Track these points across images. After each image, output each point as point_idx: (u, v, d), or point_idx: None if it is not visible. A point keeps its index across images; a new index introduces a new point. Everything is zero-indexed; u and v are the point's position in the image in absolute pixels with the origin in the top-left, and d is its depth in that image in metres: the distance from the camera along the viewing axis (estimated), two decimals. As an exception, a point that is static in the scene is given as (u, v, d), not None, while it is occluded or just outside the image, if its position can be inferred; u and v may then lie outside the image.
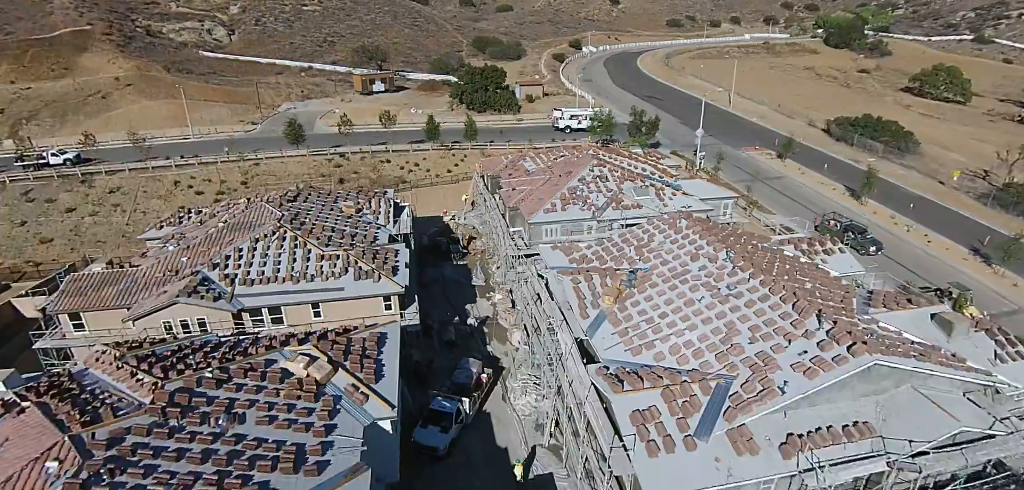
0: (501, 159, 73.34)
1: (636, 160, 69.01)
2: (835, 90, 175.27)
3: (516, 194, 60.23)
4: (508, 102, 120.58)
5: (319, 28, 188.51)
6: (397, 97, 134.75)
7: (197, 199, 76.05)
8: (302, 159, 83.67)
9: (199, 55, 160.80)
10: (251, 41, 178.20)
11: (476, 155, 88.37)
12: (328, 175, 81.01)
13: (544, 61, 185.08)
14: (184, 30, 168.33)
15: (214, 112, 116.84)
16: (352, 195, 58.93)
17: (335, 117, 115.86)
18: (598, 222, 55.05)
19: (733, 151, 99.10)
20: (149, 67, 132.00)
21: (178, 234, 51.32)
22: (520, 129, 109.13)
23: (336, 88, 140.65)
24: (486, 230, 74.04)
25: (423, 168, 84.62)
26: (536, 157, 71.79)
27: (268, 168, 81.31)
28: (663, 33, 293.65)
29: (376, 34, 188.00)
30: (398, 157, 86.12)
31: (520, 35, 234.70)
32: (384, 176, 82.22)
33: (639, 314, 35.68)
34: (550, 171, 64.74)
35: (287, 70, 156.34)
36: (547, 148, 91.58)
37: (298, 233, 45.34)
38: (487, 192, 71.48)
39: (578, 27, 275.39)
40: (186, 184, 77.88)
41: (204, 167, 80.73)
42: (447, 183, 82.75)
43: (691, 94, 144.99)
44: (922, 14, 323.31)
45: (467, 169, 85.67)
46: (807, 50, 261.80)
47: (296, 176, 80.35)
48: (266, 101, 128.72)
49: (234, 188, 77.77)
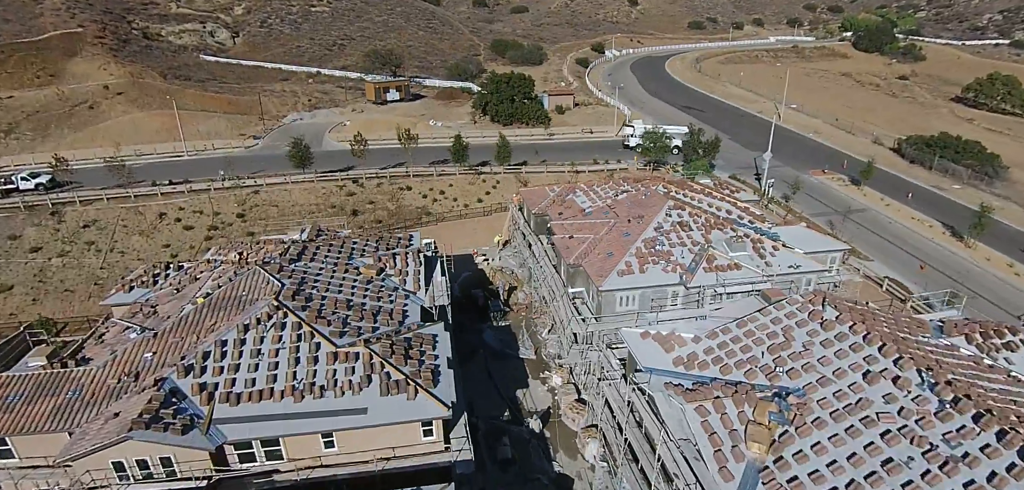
0: (546, 193, 61.37)
1: (710, 195, 56.93)
2: (882, 100, 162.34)
3: (576, 245, 48.24)
4: (537, 114, 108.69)
5: (328, 30, 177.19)
6: (413, 107, 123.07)
7: (185, 236, 64.54)
8: (309, 185, 72.03)
9: (199, 59, 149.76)
10: (256, 44, 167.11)
11: (509, 180, 76.53)
12: (339, 206, 69.32)
13: (567, 66, 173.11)
14: (184, 32, 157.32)
15: (212, 124, 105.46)
16: (370, 246, 47.03)
17: (346, 131, 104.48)
18: (687, 288, 43.00)
19: (797, 174, 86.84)
20: (143, 73, 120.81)
21: (148, 305, 39.66)
22: (553, 145, 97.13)
23: (346, 96, 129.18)
24: (525, 272, 62.14)
25: (449, 196, 72.78)
26: (590, 190, 59.81)
27: (269, 196, 69.69)
28: (685, 35, 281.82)
29: (389, 37, 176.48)
30: (420, 182, 74.30)
31: (538, 38, 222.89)
32: (405, 207, 70.46)
33: (812, 478, 23.70)
34: (613, 212, 52.72)
35: (293, 76, 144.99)
36: (590, 170, 79.59)
37: (303, 316, 33.50)
38: (530, 232, 59.51)
39: (597, 29, 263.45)
40: (173, 217, 66.38)
41: (195, 196, 69.18)
42: (477, 215, 70.96)
43: (733, 104, 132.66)
44: (945, 16, 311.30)
45: (500, 197, 73.85)
46: (837, 54, 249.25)
47: (301, 208, 68.71)
48: (270, 111, 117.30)
49: (229, 222, 66.21)
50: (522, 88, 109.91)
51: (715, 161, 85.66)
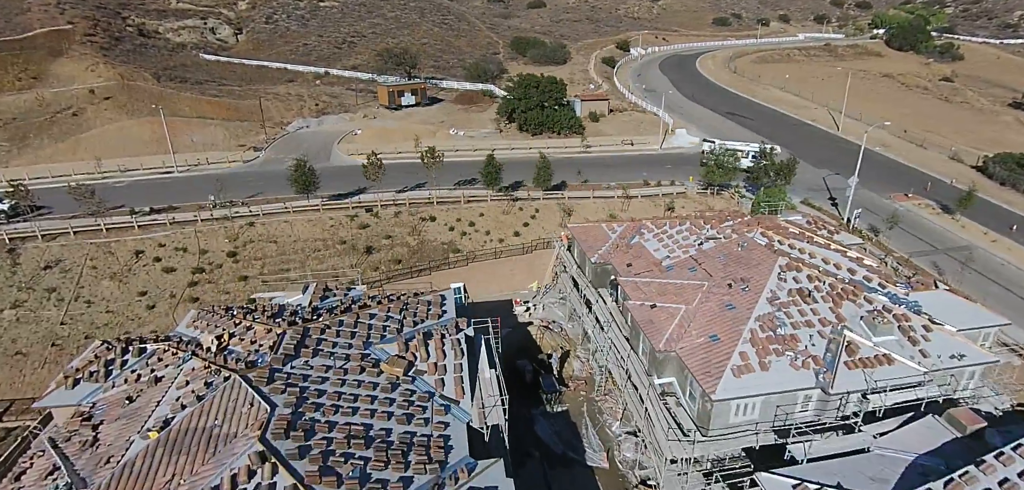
0: (603, 231, 49.78)
1: (810, 240, 45.19)
2: (936, 106, 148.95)
3: (662, 320, 36.67)
4: (570, 122, 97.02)
5: (338, 27, 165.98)
6: (431, 113, 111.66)
7: (164, 281, 53.47)
8: (314, 215, 60.76)
9: (199, 58, 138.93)
10: (260, 42, 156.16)
11: (550, 209, 64.97)
12: (350, 242, 58.03)
13: (594, 65, 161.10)
14: (183, 29, 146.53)
15: (207, 133, 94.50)
16: (392, 320, 35.64)
17: (357, 142, 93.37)
18: (828, 394, 31.38)
19: (876, 198, 74.99)
20: (135, 75, 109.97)
21: (88, 422, 28.51)
22: (591, 160, 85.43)
23: (357, 100, 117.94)
24: (576, 328, 50.70)
25: (480, 228, 61.32)
26: (661, 232, 48.22)
27: (267, 229, 58.48)
28: (710, 32, 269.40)
29: (402, 34, 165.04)
30: (445, 211, 62.80)
31: (559, 35, 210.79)
32: (428, 242, 59.08)
33: None
34: (702, 268, 41.13)
35: (300, 77, 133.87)
36: (643, 195, 67.85)
37: (301, 474, 22.19)
38: (586, 283, 48.01)
39: (619, 25, 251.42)
40: (152, 255, 55.35)
41: (179, 228, 58.07)
42: (514, 252, 59.52)
43: (782, 111, 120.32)
44: (974, 13, 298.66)
45: (541, 229, 62.32)
46: (871, 52, 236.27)
47: (305, 245, 57.44)
48: (273, 118, 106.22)
49: (218, 263, 55.06)
50: (553, 92, 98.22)
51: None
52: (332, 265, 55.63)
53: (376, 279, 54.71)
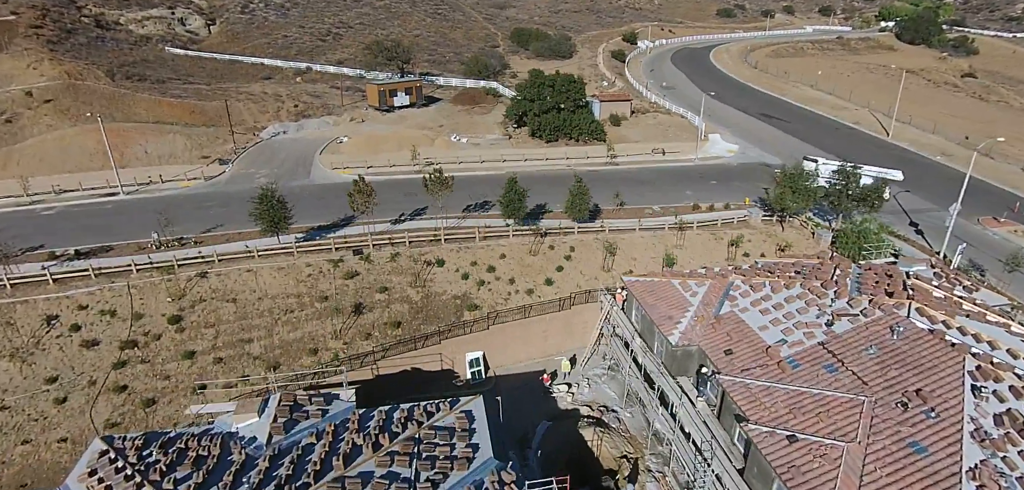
0: (680, 294, 36.65)
1: (959, 308, 32.44)
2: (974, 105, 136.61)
3: (809, 464, 23.64)
4: (591, 127, 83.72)
5: (321, 17, 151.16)
6: (428, 114, 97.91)
7: (83, 361, 39.76)
8: (287, 260, 47.02)
9: (164, 53, 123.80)
10: (235, 34, 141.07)
11: (588, 245, 51.58)
12: (333, 298, 44.43)
13: (602, 59, 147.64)
14: (148, 20, 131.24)
15: (165, 142, 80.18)
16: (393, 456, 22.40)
17: (343, 152, 79.55)
18: None
19: (963, 224, 62.29)
20: (85, 73, 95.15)
21: None
22: (621, 174, 72.23)
23: (343, 100, 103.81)
24: (636, 418, 37.78)
25: (502, 275, 47.83)
26: (760, 298, 35.22)
27: (223, 283, 44.70)
28: (716, 24, 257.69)
29: (392, 25, 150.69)
30: (456, 251, 49.19)
31: (560, 26, 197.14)
32: (435, 297, 45.55)
33: None
34: (845, 367, 28.17)
35: (278, 73, 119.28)
36: (699, 223, 54.47)
37: None
38: (657, 366, 34.97)
39: (621, 17, 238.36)
40: (70, 323, 41.53)
41: (107, 281, 44.22)
42: (549, 307, 46.17)
43: (821, 113, 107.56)
44: (975, 6, 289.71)
45: (580, 273, 49.02)
46: (882, 46, 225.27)
47: (273, 304, 43.77)
48: (245, 121, 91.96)
49: (157, 333, 41.33)
50: (571, 93, 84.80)
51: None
52: (309, 332, 42.10)
53: (369, 353, 41.23)
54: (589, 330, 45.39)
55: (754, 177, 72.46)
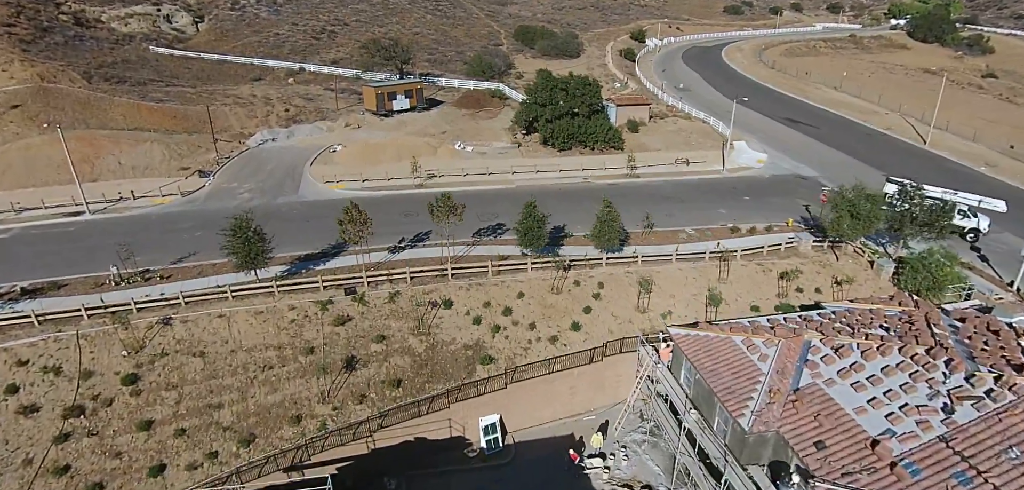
0: (745, 355, 29.79)
1: None
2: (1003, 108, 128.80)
3: None
4: (608, 134, 76.71)
5: (316, 14, 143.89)
6: (430, 119, 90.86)
7: (19, 432, 32.88)
8: (266, 301, 40.02)
9: (148, 52, 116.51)
10: (225, 32, 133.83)
11: (618, 280, 44.60)
12: (320, 350, 37.44)
13: (611, 58, 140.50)
14: (132, 17, 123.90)
15: (141, 152, 73.09)
16: None
17: (337, 162, 72.54)
18: None
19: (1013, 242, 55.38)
20: (59, 75, 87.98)
21: None
22: (644, 188, 65.30)
23: (338, 103, 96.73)
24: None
25: (521, 318, 40.81)
26: (849, 366, 28.30)
27: (190, 332, 37.67)
28: (724, 21, 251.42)
29: (390, 22, 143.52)
30: (465, 290, 42.06)
31: (565, 24, 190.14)
32: (443, 347, 38.57)
33: None
34: (980, 477, 21.24)
35: (269, 74, 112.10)
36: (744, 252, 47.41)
37: None
38: (723, 449, 28.11)
39: (627, 14, 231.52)
40: (5, 382, 34.49)
41: (53, 330, 37.22)
42: (577, 361, 39.21)
43: (849, 118, 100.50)
44: (983, 3, 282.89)
45: (611, 315, 42.09)
46: (895, 44, 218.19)
47: (249, 358, 36.77)
48: (231, 127, 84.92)
49: (108, 398, 34.36)
50: (586, 96, 77.85)
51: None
52: (291, 395, 35.12)
53: (363, 421, 34.27)
54: (623, 385, 38.51)
55: (790, 191, 65.60)
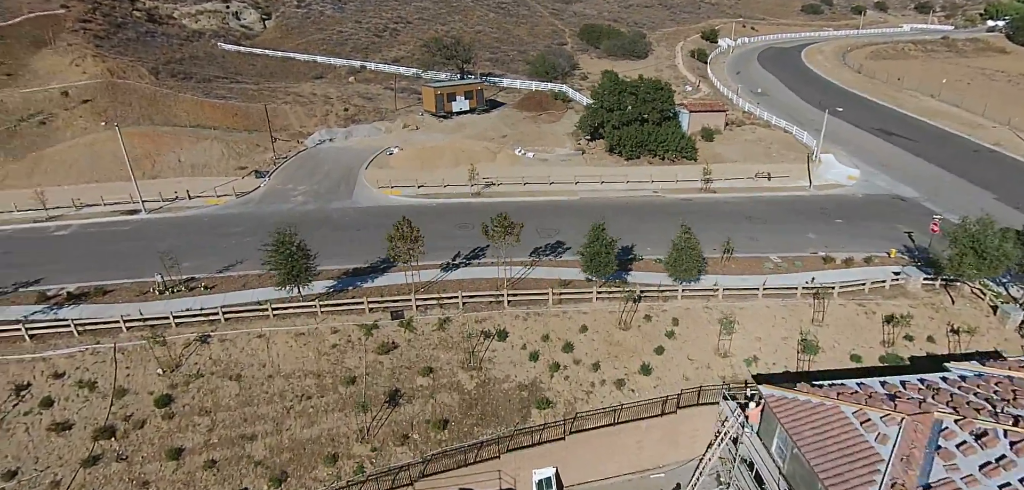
0: (857, 432, 24.43)
1: None
2: None
3: None
4: (680, 144, 71.05)
5: (379, 12, 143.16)
6: (490, 122, 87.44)
7: (50, 450, 31.16)
8: (307, 321, 37.21)
9: (216, 49, 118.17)
10: (290, 29, 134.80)
11: (698, 316, 39.49)
12: (362, 380, 34.23)
13: (681, 59, 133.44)
14: (202, 14, 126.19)
15: (201, 150, 72.65)
16: None
17: (391, 165, 69.98)
18: None
19: None
20: (128, 70, 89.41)
21: None
22: (720, 205, 59.52)
23: (396, 103, 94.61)
24: None
25: (584, 356, 36.41)
26: (996, 462, 22.56)
27: (227, 353, 35.23)
28: (802, 21, 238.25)
29: (453, 20, 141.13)
30: (522, 318, 37.97)
31: (632, 22, 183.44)
32: (494, 385, 34.70)
33: None
34: None
35: (331, 71, 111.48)
36: (843, 288, 41.27)
37: None
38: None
39: (697, 12, 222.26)
40: (40, 395, 32.93)
41: (92, 342, 35.50)
42: (648, 409, 34.53)
43: (949, 130, 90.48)
44: None
45: (688, 358, 37.17)
46: (992, 48, 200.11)
47: (286, 384, 33.95)
48: (291, 126, 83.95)
49: (140, 419, 32.22)
50: (657, 102, 72.43)
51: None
52: (328, 430, 32.03)
53: (404, 467, 30.78)
54: (699, 441, 33.59)
55: (888, 214, 58.23)
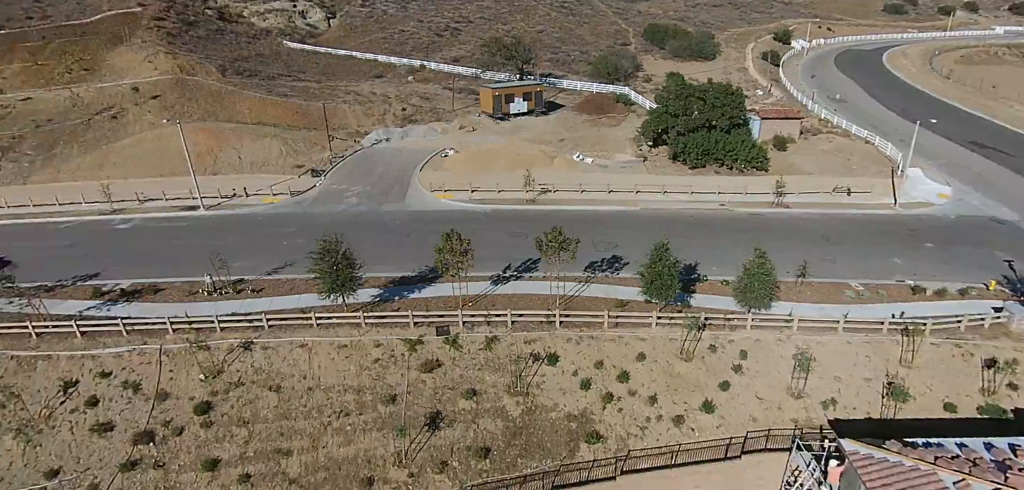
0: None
1: None
2: None
3: None
4: (750, 153, 66.59)
5: (441, 10, 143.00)
6: (548, 125, 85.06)
7: (91, 451, 31.01)
8: (350, 334, 35.89)
9: (281, 47, 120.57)
10: (353, 28, 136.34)
11: (769, 350, 35.91)
12: (402, 399, 32.56)
13: (752, 61, 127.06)
14: (270, 13, 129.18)
15: (260, 147, 73.42)
16: None
17: (446, 168, 68.61)
18: None
19: None
20: (197, 67, 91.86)
21: None
22: (793, 222, 55.08)
23: (454, 104, 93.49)
24: None
25: (640, 387, 33.45)
26: None
27: (269, 362, 34.29)
28: (884, 22, 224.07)
29: (514, 19, 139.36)
30: (574, 341, 35.36)
31: (699, 22, 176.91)
32: (542, 413, 32.32)
33: None
34: None
35: (391, 71, 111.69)
36: (947, 336, 36.69)
37: None
38: None
39: (769, 12, 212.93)
40: (86, 394, 32.90)
41: (139, 342, 35.32)
42: (710, 451, 31.38)
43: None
44: None
45: (752, 400, 33.70)
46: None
47: (324, 398, 32.67)
48: (349, 125, 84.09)
49: (179, 425, 31.61)
50: (726, 107, 68.26)
51: None
52: (365, 450, 30.49)
53: (441, 499, 28.92)
54: (767, 489, 30.21)
55: (985, 239, 52.24)
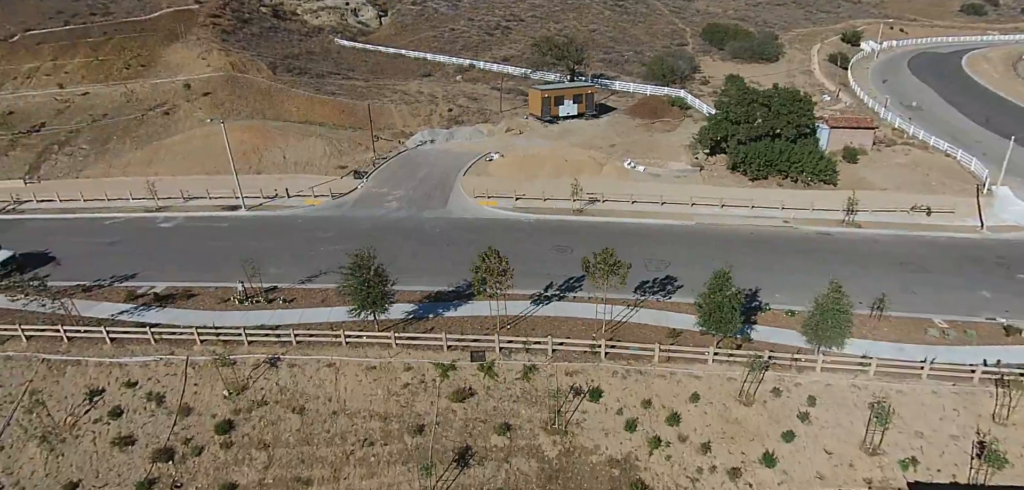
0: None
1: None
2: None
3: None
4: (817, 165, 61.58)
5: (492, 9, 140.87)
6: (598, 129, 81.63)
7: (111, 465, 29.97)
8: (380, 352, 33.77)
9: (333, 44, 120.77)
10: (404, 26, 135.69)
11: (841, 397, 31.88)
12: (430, 430, 30.17)
13: (817, 64, 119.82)
14: (323, 10, 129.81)
15: (305, 147, 72.76)
16: None
17: (490, 172, 66.19)
18: None
19: None
20: (249, 65, 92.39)
21: None
22: (864, 244, 50.24)
23: (502, 105, 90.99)
24: None
25: (692, 433, 29.96)
26: None
27: (295, 382, 32.53)
28: (961, 23, 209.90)
29: (567, 18, 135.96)
30: (620, 376, 32.20)
31: (761, 22, 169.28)
32: (581, 455, 29.28)
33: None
34: None
35: (439, 69, 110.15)
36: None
37: None
38: None
39: (835, 11, 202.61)
40: (110, 404, 31.84)
41: (167, 353, 34.16)
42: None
43: None
44: None
45: (819, 454, 29.78)
46: None
47: (349, 424, 30.59)
48: (395, 124, 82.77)
49: (199, 444, 30.13)
50: (792, 114, 63.45)
51: None
52: (388, 484, 28.25)
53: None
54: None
55: (1092, 269, 46.36)
